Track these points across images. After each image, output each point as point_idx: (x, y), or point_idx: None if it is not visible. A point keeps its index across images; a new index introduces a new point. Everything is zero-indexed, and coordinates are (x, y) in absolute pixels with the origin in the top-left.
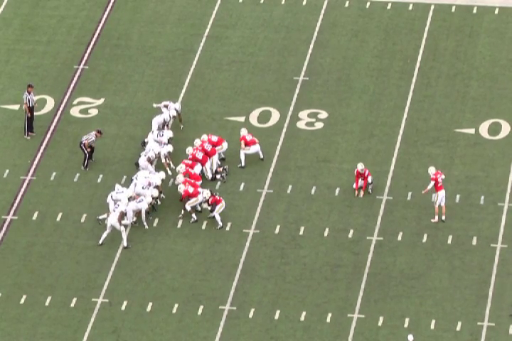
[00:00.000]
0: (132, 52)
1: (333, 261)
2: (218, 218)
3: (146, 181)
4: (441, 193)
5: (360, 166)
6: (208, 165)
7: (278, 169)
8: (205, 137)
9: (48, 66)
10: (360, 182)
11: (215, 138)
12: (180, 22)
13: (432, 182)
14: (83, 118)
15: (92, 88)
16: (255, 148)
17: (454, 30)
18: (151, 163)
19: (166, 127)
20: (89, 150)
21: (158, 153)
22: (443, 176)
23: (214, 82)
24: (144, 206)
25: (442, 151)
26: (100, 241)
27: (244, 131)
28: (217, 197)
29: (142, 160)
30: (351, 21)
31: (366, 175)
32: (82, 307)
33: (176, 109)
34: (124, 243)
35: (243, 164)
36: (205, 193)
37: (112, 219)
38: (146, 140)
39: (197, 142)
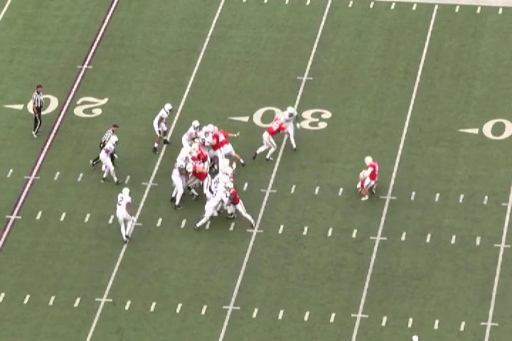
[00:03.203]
0: (136, 52)
1: (336, 261)
2: (249, 217)
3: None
4: (373, 182)
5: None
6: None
7: (282, 169)
8: (215, 128)
9: (51, 66)
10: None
11: (222, 137)
12: (184, 22)
13: (370, 169)
14: (87, 118)
15: (95, 88)
16: (228, 148)
17: (457, 30)
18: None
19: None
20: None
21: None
22: (377, 167)
23: (217, 82)
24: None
25: (446, 151)
26: (124, 238)
27: (211, 128)
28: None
29: (103, 154)
30: (355, 21)
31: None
32: (85, 307)
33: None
34: (126, 233)
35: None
36: (228, 184)
37: (121, 212)
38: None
39: (210, 127)
